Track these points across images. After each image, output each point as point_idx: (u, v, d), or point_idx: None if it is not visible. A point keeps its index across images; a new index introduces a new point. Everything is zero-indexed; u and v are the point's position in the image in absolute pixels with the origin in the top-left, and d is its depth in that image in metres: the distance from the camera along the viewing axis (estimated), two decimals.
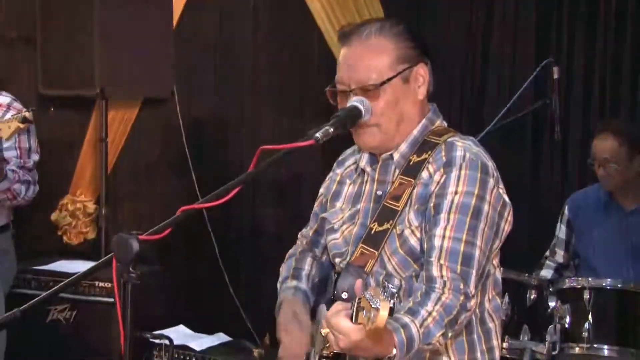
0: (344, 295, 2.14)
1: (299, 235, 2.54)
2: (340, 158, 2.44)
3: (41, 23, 4.56)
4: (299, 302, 2.32)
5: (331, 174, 2.43)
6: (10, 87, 4.09)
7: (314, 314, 2.32)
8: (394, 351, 1.90)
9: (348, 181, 2.35)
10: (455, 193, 2.09)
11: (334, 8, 4.67)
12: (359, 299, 1.77)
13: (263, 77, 5.14)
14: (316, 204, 2.46)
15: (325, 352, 2.16)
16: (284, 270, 2.47)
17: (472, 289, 2.05)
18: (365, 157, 2.29)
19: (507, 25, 4.59)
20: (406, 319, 1.96)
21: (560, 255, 4.00)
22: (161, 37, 4.62)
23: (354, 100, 2.14)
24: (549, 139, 4.33)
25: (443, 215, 2.08)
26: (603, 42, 4.41)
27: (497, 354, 2.22)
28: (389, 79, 2.15)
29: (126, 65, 4.43)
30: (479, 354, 2.18)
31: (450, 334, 2.04)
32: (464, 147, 2.15)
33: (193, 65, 5.16)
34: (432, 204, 2.10)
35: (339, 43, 2.25)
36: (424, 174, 2.15)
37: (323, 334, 1.90)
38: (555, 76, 3.88)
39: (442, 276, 2.04)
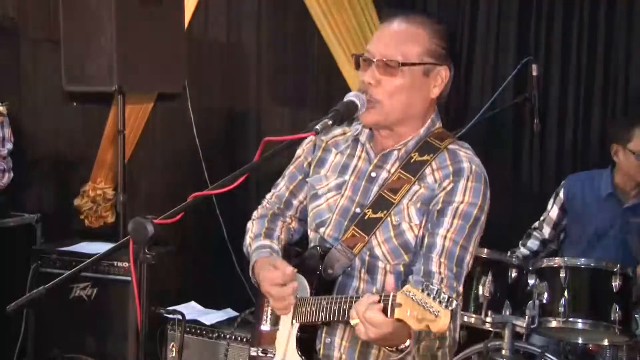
0: (330, 271, 2.13)
1: (267, 196, 2.45)
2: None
3: (64, 26, 4.54)
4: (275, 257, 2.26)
5: (314, 137, 2.29)
6: (37, 84, 4.08)
7: None
8: (408, 342, 1.89)
9: (334, 150, 2.28)
10: (462, 202, 2.08)
11: (332, 11, 4.64)
12: (394, 296, 1.75)
13: (267, 73, 5.12)
14: (293, 165, 2.38)
15: (306, 324, 2.14)
16: (255, 227, 2.39)
17: (460, 288, 2.07)
18: (366, 133, 2.23)
19: (490, 25, 4.56)
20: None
21: (546, 232, 3.93)
22: (174, 37, 4.60)
23: (351, 95, 2.11)
24: (528, 130, 4.32)
25: (448, 219, 2.06)
26: (578, 42, 4.39)
27: (457, 334, 2.23)
28: (412, 64, 2.10)
29: (141, 63, 4.41)
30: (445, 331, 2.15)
31: None
32: (468, 159, 2.12)
33: (203, 63, 5.14)
34: (438, 207, 2.08)
35: (381, 20, 2.21)
36: (429, 179, 2.11)
37: (352, 324, 1.86)
38: (535, 73, 3.86)
39: (440, 272, 2.03)
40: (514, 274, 3.46)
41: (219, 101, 5.23)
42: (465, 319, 3.40)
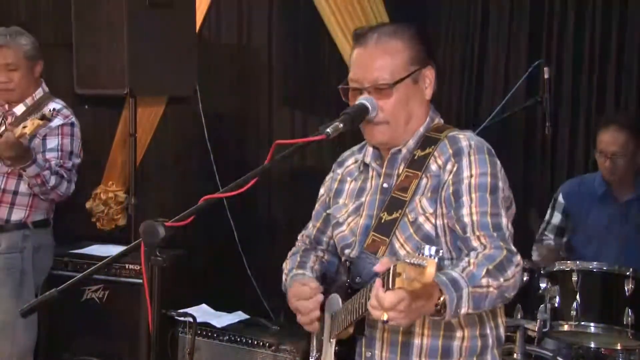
0: (357, 280, 2.11)
1: (299, 237, 2.48)
2: (339, 159, 2.40)
3: (76, 29, 4.56)
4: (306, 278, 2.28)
5: (331, 174, 2.39)
6: (50, 87, 4.11)
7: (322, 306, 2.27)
8: (442, 298, 1.81)
9: (349, 179, 2.32)
10: (471, 176, 2.06)
11: (343, 14, 4.64)
12: (394, 266, 1.70)
13: (278, 76, 5.13)
14: (318, 204, 2.42)
15: (341, 336, 2.14)
16: (288, 264, 2.41)
17: (512, 247, 2.01)
18: (370, 153, 2.26)
19: (501, 28, 4.55)
20: (446, 270, 1.91)
21: (550, 239, 3.96)
22: (185, 41, 4.61)
23: (362, 98, 2.12)
24: (540, 133, 4.30)
25: (465, 198, 2.05)
26: (590, 45, 4.37)
27: (502, 330, 2.21)
28: (402, 79, 2.11)
29: (153, 66, 4.42)
30: (488, 330, 2.16)
31: (502, 280, 1.93)
32: (467, 137, 2.14)
33: (214, 66, 5.15)
34: (450, 191, 2.07)
35: (353, 43, 2.20)
36: (433, 167, 2.12)
37: (384, 320, 1.77)
38: (546, 76, 3.85)
39: (481, 243, 2.00)
40: (525, 278, 3.45)
41: (230, 104, 5.24)
42: None
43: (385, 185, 2.20)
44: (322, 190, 2.42)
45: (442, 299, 1.82)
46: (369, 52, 2.14)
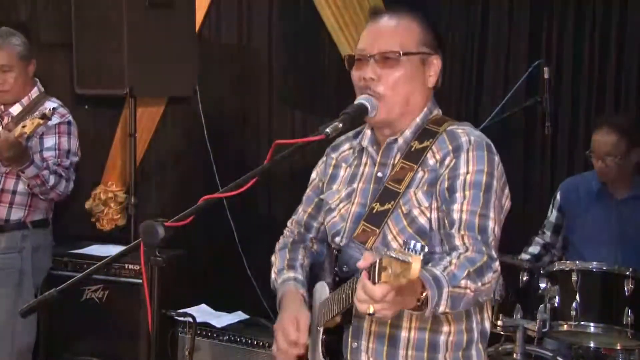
0: (345, 268, 2.11)
1: (288, 223, 2.47)
2: (333, 144, 2.38)
3: (76, 29, 4.56)
4: (299, 301, 2.24)
5: (325, 158, 2.38)
6: (49, 87, 4.11)
7: (310, 294, 2.28)
8: (424, 294, 1.82)
9: (344, 165, 2.31)
10: (467, 173, 2.06)
11: (343, 14, 4.64)
12: (380, 260, 1.70)
13: (277, 76, 5.12)
14: (310, 188, 2.41)
15: (329, 325, 2.15)
16: (277, 260, 2.39)
17: (493, 253, 2.02)
18: (368, 136, 2.24)
19: (501, 28, 4.56)
20: (427, 267, 1.91)
21: (547, 236, 3.98)
22: (185, 40, 4.61)
23: (362, 98, 2.12)
24: (540, 133, 4.30)
25: (459, 194, 2.05)
26: (589, 45, 4.37)
27: (487, 325, 2.21)
28: (411, 53, 2.12)
29: (153, 66, 4.42)
30: (474, 324, 2.16)
31: (479, 284, 1.95)
32: (466, 132, 2.13)
33: (214, 66, 5.15)
34: (445, 185, 2.07)
35: (368, 21, 2.21)
36: (430, 162, 2.12)
37: (371, 314, 1.77)
38: (546, 76, 3.86)
39: (464, 244, 2.01)
40: (525, 278, 3.46)
41: (230, 104, 5.23)
42: None
43: (379, 174, 2.19)
44: (314, 175, 2.41)
45: (424, 294, 1.83)
46: (383, 24, 2.16)
